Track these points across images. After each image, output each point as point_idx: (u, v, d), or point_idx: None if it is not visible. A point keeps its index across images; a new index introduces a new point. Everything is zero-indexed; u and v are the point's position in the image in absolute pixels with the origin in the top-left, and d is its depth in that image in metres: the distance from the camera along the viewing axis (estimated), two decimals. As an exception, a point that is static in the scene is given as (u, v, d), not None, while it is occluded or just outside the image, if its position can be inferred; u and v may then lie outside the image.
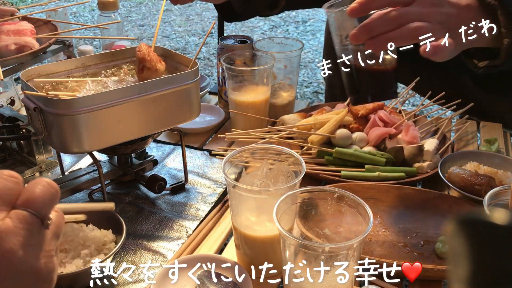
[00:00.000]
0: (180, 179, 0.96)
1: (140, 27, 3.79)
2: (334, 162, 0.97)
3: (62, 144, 0.79)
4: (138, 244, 0.81)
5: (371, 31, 0.72)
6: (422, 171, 0.95)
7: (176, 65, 0.93)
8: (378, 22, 0.71)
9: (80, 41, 3.05)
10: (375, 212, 0.85)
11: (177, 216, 0.88)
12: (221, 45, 1.17)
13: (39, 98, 0.76)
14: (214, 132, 1.16)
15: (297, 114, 1.10)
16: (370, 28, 0.72)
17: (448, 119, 1.11)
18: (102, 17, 1.37)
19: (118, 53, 0.94)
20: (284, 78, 1.20)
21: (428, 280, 0.73)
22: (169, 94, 0.83)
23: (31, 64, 0.95)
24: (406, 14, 0.71)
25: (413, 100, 2.55)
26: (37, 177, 0.96)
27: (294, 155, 0.74)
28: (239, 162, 0.76)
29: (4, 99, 1.14)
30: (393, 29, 0.71)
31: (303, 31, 3.69)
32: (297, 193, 0.67)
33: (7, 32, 0.92)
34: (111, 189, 0.94)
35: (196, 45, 3.46)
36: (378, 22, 0.71)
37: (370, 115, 1.06)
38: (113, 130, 0.80)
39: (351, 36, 0.73)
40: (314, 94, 2.78)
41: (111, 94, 0.78)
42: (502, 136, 1.12)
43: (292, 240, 0.61)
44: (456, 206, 0.85)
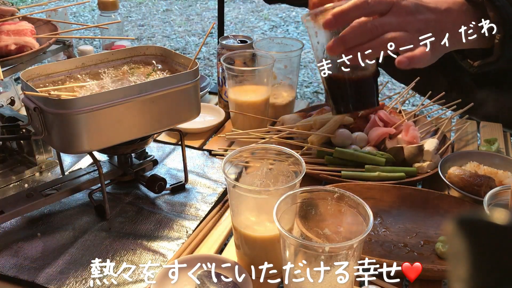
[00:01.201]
0: (180, 179, 0.96)
1: (140, 27, 3.80)
2: (334, 162, 0.97)
3: (62, 144, 0.79)
4: (138, 244, 0.81)
5: (346, 43, 0.71)
6: (422, 171, 0.95)
7: (176, 65, 0.93)
8: (353, 34, 0.71)
9: (80, 41, 3.05)
10: (375, 212, 0.85)
11: (177, 216, 0.88)
12: (221, 45, 1.17)
13: (39, 98, 0.76)
14: (214, 132, 1.16)
15: (297, 114, 1.10)
16: (345, 40, 0.71)
17: (448, 119, 1.11)
18: (102, 17, 1.37)
19: (118, 53, 0.94)
20: (284, 78, 1.20)
21: (428, 280, 0.73)
22: (169, 94, 0.83)
23: (31, 64, 0.95)
24: (381, 25, 0.71)
25: (413, 100, 2.55)
26: (37, 177, 0.96)
27: (294, 155, 0.74)
28: (239, 162, 0.76)
29: (4, 99, 1.14)
30: (368, 40, 0.71)
31: (303, 31, 3.69)
32: (297, 193, 0.67)
33: (7, 32, 0.92)
34: (111, 189, 0.94)
35: (196, 45, 3.46)
36: (353, 34, 0.71)
37: (370, 115, 1.06)
38: (113, 130, 0.80)
39: (327, 48, 0.73)
40: (314, 94, 2.78)
41: (111, 94, 0.78)
42: (502, 136, 1.12)
43: (292, 240, 0.61)
44: (456, 206, 0.85)
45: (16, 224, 0.84)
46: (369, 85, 0.79)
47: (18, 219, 0.85)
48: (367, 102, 0.81)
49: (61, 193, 0.85)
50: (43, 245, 0.80)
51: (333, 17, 0.71)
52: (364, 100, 0.80)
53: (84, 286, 0.72)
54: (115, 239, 0.81)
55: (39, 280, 0.73)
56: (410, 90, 1.19)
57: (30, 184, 0.95)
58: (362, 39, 0.71)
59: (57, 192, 0.85)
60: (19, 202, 0.81)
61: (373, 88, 0.80)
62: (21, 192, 0.84)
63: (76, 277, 0.73)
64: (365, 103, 0.81)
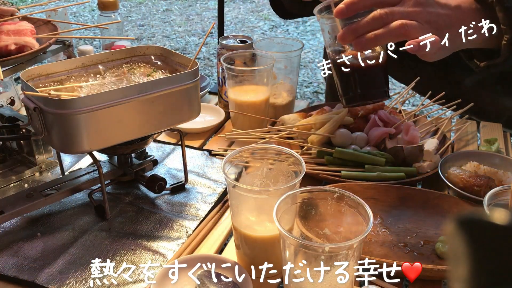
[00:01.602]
0: (180, 179, 0.96)
1: (140, 27, 3.80)
2: (334, 162, 0.97)
3: (62, 144, 0.79)
4: (138, 244, 0.81)
5: (357, 31, 0.73)
6: (422, 171, 0.95)
7: (176, 65, 0.93)
8: (363, 22, 0.72)
9: (80, 41, 3.05)
10: (375, 212, 0.85)
11: (177, 216, 0.88)
12: (221, 45, 1.17)
13: (39, 98, 0.76)
14: (214, 132, 1.16)
15: (297, 114, 1.10)
16: (356, 28, 0.73)
17: (448, 119, 1.11)
18: (102, 17, 1.37)
19: (118, 53, 0.94)
20: (284, 78, 1.20)
21: (428, 280, 0.73)
22: (169, 94, 0.83)
23: (31, 64, 0.95)
24: (392, 13, 0.72)
25: (413, 100, 2.55)
26: (37, 177, 0.96)
27: (294, 155, 0.74)
28: (239, 162, 0.76)
29: (4, 99, 1.14)
30: (378, 28, 0.71)
31: (303, 31, 3.69)
32: (297, 193, 0.67)
33: (7, 32, 0.92)
34: (111, 189, 0.94)
35: (196, 45, 3.46)
36: (363, 22, 0.72)
37: (370, 115, 1.06)
38: (113, 130, 0.80)
39: (339, 37, 0.74)
40: (314, 94, 2.78)
41: (111, 94, 0.78)
42: (502, 136, 1.12)
43: (292, 240, 0.61)
44: (456, 206, 0.85)
45: (16, 224, 0.84)
46: (379, 75, 0.79)
47: (18, 219, 0.85)
48: (378, 93, 0.81)
49: (61, 193, 0.85)
50: (43, 245, 0.80)
51: (345, 6, 0.73)
52: (374, 90, 0.81)
53: (84, 286, 0.72)
54: (115, 239, 0.81)
55: (39, 280, 0.73)
56: (410, 90, 1.19)
57: (30, 184, 0.95)
58: (372, 27, 0.72)
59: (57, 192, 0.85)
60: (19, 202, 0.81)
61: (382, 78, 0.80)
62: (21, 192, 0.84)
63: (76, 277, 0.73)
64: (375, 94, 0.82)
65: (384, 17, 0.72)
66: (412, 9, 0.72)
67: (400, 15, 0.72)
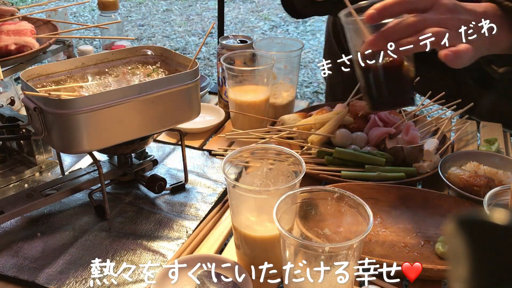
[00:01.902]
0: (180, 179, 0.96)
1: (140, 27, 3.79)
2: (334, 162, 0.97)
3: (62, 144, 0.79)
4: (138, 244, 0.81)
5: (388, 37, 0.72)
6: (422, 171, 0.95)
7: (176, 65, 0.93)
8: (395, 29, 0.72)
9: (80, 41, 3.05)
10: (375, 212, 0.85)
11: (177, 216, 0.88)
12: (221, 45, 1.17)
13: (39, 98, 0.76)
14: (214, 132, 1.16)
15: (297, 114, 1.10)
16: (387, 34, 0.72)
17: (448, 119, 1.11)
18: (102, 17, 1.37)
19: (118, 53, 0.94)
20: (284, 78, 1.20)
21: (428, 280, 0.73)
22: (169, 94, 0.83)
23: (31, 64, 0.95)
24: (423, 20, 0.71)
25: (413, 100, 2.55)
26: (37, 177, 0.96)
27: (294, 155, 0.74)
28: (239, 162, 0.76)
29: (4, 99, 1.14)
30: (409, 35, 0.71)
31: (303, 31, 3.69)
32: (297, 193, 0.67)
33: (7, 32, 0.92)
34: (111, 189, 0.94)
35: (196, 45, 3.46)
36: (395, 28, 0.72)
37: (370, 115, 1.06)
38: (113, 130, 0.80)
39: (368, 42, 0.73)
40: (314, 94, 2.78)
41: (111, 94, 0.78)
42: (502, 136, 1.12)
43: (292, 240, 0.61)
44: (456, 206, 0.85)
45: (16, 224, 0.84)
46: (407, 81, 0.79)
47: (18, 219, 0.85)
48: (406, 99, 0.81)
49: (61, 193, 0.85)
50: (43, 245, 0.80)
51: (375, 11, 0.72)
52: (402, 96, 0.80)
53: (84, 286, 0.72)
54: (115, 239, 0.81)
55: (39, 280, 0.73)
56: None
57: (30, 184, 0.95)
58: (403, 34, 0.71)
59: (57, 192, 0.85)
60: (19, 202, 0.81)
61: (409, 85, 0.80)
62: (21, 192, 0.84)
63: (76, 277, 0.73)
64: (403, 100, 0.82)
65: (416, 24, 0.71)
66: (443, 16, 0.71)
67: (431, 22, 0.71)
